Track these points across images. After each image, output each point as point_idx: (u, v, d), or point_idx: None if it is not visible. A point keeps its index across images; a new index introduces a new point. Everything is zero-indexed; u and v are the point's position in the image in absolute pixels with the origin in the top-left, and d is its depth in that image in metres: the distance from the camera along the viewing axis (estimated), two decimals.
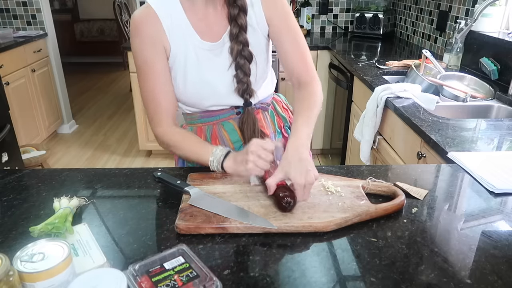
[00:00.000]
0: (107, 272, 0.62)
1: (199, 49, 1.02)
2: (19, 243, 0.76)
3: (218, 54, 1.04)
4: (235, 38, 1.00)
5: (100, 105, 4.88)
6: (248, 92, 1.06)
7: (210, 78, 1.04)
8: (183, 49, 1.02)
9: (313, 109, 1.02)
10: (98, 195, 0.94)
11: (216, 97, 1.07)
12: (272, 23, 1.05)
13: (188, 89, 1.05)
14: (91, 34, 6.82)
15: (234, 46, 1.01)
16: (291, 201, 0.82)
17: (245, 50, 1.01)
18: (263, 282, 0.67)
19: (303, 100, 1.05)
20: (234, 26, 1.00)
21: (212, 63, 1.04)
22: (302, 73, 1.08)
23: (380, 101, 1.77)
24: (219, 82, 1.05)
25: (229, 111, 1.11)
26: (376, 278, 0.68)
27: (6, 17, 3.54)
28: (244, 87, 1.05)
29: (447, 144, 1.24)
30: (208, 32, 1.02)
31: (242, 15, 0.99)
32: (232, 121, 1.12)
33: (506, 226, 0.84)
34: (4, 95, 2.44)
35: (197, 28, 1.01)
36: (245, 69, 1.03)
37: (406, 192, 0.92)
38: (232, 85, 1.06)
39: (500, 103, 1.76)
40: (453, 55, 2.22)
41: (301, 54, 1.08)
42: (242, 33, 1.00)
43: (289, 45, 1.07)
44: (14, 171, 1.05)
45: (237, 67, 1.03)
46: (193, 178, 0.97)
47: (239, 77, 1.04)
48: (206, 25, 1.02)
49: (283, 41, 1.07)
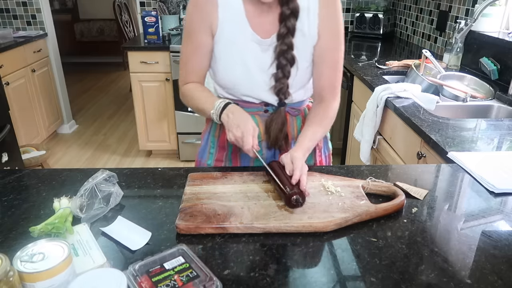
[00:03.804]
0: (107, 272, 0.62)
1: (249, 40, 1.04)
2: (19, 243, 0.76)
3: (265, 50, 1.05)
4: (282, 39, 1.02)
5: (100, 105, 4.88)
6: (283, 93, 1.07)
7: (252, 68, 1.06)
8: (232, 35, 1.04)
9: (324, 126, 1.09)
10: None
11: (251, 87, 1.09)
12: (322, 38, 1.05)
13: (228, 71, 1.08)
14: (91, 34, 6.82)
15: (279, 47, 1.02)
16: (299, 197, 0.83)
17: (288, 52, 1.02)
18: (263, 282, 0.67)
19: (318, 115, 1.10)
20: (283, 27, 1.01)
21: (256, 56, 1.06)
22: (328, 93, 1.10)
23: (380, 101, 1.77)
24: (258, 75, 1.07)
25: (258, 106, 1.13)
26: (376, 278, 0.68)
27: (6, 17, 3.54)
28: (281, 87, 1.06)
29: (447, 144, 1.24)
30: (260, 27, 1.04)
31: (292, 18, 1.00)
32: (258, 117, 1.14)
33: (506, 226, 0.84)
34: (4, 95, 2.44)
35: (251, 20, 1.04)
36: (285, 70, 1.04)
37: (406, 192, 0.92)
38: (270, 82, 1.08)
39: (500, 103, 1.76)
40: (453, 55, 2.22)
41: (335, 77, 1.09)
42: (288, 35, 1.01)
43: (328, 66, 1.08)
44: (14, 171, 1.05)
45: (278, 66, 1.04)
46: (193, 178, 0.97)
47: (278, 76, 1.05)
48: (260, 20, 1.04)
49: (323, 60, 1.07)
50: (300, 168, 0.90)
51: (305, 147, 1.00)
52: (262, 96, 1.10)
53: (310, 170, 0.98)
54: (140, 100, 3.07)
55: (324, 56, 1.06)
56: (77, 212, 0.83)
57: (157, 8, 3.40)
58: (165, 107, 3.09)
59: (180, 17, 3.39)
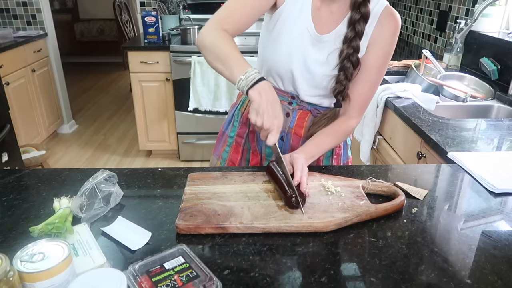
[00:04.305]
0: (107, 272, 0.62)
1: (304, 29, 1.04)
2: (19, 243, 0.76)
3: (313, 45, 1.05)
4: (349, 41, 1.01)
5: (100, 105, 4.88)
6: (342, 94, 1.07)
7: (294, 57, 1.06)
8: (291, 18, 1.04)
9: (335, 138, 1.09)
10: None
11: (289, 75, 1.09)
12: (368, 53, 1.05)
13: (276, 47, 1.07)
14: (91, 34, 6.82)
15: (345, 49, 1.02)
16: (299, 198, 0.83)
17: (354, 55, 1.02)
18: (263, 282, 0.67)
19: (333, 125, 1.10)
20: (351, 30, 1.01)
21: (303, 47, 1.05)
22: (354, 109, 1.10)
23: (380, 101, 1.77)
24: (296, 65, 1.07)
25: (285, 96, 1.14)
26: (376, 278, 0.68)
27: (6, 17, 3.54)
28: (341, 89, 1.06)
29: (447, 144, 1.24)
30: (319, 22, 1.04)
31: (361, 22, 1.00)
32: (281, 105, 1.13)
33: (506, 226, 0.84)
34: (4, 95, 2.44)
35: (314, 11, 1.04)
36: (348, 73, 1.04)
37: (406, 192, 0.92)
38: (306, 77, 1.07)
39: (500, 103, 1.76)
40: (453, 55, 2.22)
41: (366, 96, 1.09)
42: (356, 39, 1.01)
43: (364, 82, 1.07)
44: (14, 171, 1.05)
45: (341, 68, 1.04)
46: (193, 178, 0.97)
47: (340, 78, 1.05)
48: (320, 14, 1.04)
49: (362, 76, 1.06)
50: (300, 169, 0.90)
51: (307, 152, 1.01)
52: (293, 87, 1.11)
53: (310, 170, 0.98)
54: (140, 100, 3.07)
55: (364, 71, 1.06)
56: (77, 212, 0.83)
57: (157, 8, 3.40)
58: (165, 107, 3.09)
59: (180, 17, 3.39)
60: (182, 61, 2.86)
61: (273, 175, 0.93)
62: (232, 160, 1.25)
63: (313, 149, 1.03)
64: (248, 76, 0.88)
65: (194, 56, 2.80)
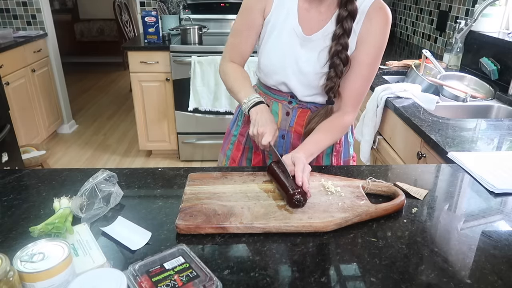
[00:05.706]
0: (107, 272, 0.62)
1: (292, 32, 1.08)
2: (19, 243, 0.76)
3: (302, 46, 1.08)
4: (337, 39, 1.03)
5: (100, 105, 4.88)
6: (334, 91, 1.08)
7: (287, 59, 1.09)
8: (280, 22, 1.09)
9: (332, 134, 1.10)
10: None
11: (283, 77, 1.12)
12: (358, 49, 1.06)
13: (270, 54, 1.12)
14: (91, 34, 6.82)
15: (334, 47, 1.04)
16: (301, 198, 0.84)
17: (343, 52, 1.04)
18: (263, 282, 0.67)
19: (329, 122, 1.10)
20: (339, 27, 1.02)
21: (294, 49, 1.09)
22: (347, 104, 1.11)
23: (380, 101, 1.77)
24: (289, 69, 1.10)
25: (285, 96, 1.17)
26: (376, 278, 0.68)
27: (6, 17, 3.53)
28: (332, 85, 1.07)
29: (447, 144, 1.24)
30: (306, 23, 1.07)
31: (349, 20, 1.01)
32: (281, 105, 1.17)
33: (506, 226, 0.84)
34: (4, 95, 2.44)
35: (301, 13, 1.07)
36: (338, 70, 1.05)
37: (406, 192, 0.92)
38: (299, 76, 1.10)
39: (500, 103, 1.76)
40: (453, 55, 2.22)
41: (359, 91, 1.10)
42: (344, 36, 1.02)
43: (356, 78, 1.08)
44: (14, 171, 1.05)
45: (331, 66, 1.06)
46: (193, 178, 0.97)
47: (330, 75, 1.06)
48: (308, 16, 1.07)
49: (353, 71, 1.07)
50: (302, 169, 0.90)
51: (307, 150, 1.02)
52: (289, 90, 1.14)
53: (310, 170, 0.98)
54: (140, 100, 3.07)
55: (355, 68, 1.06)
56: (77, 212, 0.83)
57: (157, 8, 3.40)
58: (165, 107, 3.09)
59: (180, 17, 3.39)
60: (182, 61, 2.86)
61: (274, 175, 0.93)
62: (233, 157, 1.29)
63: (312, 147, 1.04)
64: (250, 99, 1.07)
65: (194, 56, 2.80)
